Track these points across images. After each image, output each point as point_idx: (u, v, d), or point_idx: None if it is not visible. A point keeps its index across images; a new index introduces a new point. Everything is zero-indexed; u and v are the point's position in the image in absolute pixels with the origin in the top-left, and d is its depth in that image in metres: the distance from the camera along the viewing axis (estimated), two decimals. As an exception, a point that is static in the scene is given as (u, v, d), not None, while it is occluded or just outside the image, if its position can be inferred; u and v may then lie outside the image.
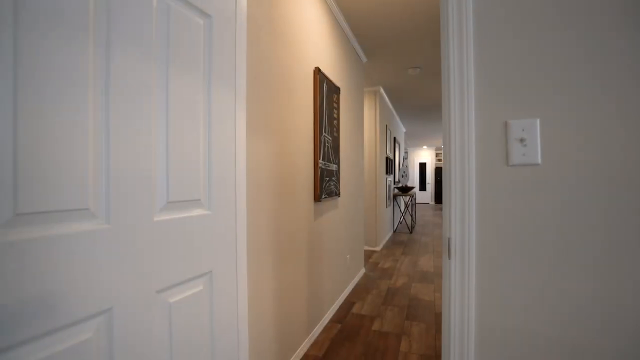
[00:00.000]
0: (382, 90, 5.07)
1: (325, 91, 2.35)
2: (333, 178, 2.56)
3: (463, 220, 0.82)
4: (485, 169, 0.82)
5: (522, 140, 0.78)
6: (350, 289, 3.17)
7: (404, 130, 9.28)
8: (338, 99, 2.68)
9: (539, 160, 0.77)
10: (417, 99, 5.69)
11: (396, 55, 3.69)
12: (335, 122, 2.61)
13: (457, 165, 0.83)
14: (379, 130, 5.01)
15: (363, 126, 3.75)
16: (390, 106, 6.20)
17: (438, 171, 13.85)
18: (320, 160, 2.24)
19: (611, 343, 0.71)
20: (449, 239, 0.85)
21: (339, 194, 2.73)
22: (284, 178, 1.74)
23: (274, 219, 1.62)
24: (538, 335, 0.77)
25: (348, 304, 2.83)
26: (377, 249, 4.95)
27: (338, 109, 2.68)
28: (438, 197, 13.83)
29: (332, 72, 2.63)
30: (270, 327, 1.57)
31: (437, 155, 14.00)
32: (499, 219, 0.80)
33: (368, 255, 4.62)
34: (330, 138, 2.50)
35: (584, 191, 0.74)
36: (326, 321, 2.46)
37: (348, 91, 3.09)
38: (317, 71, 2.18)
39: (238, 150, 1.10)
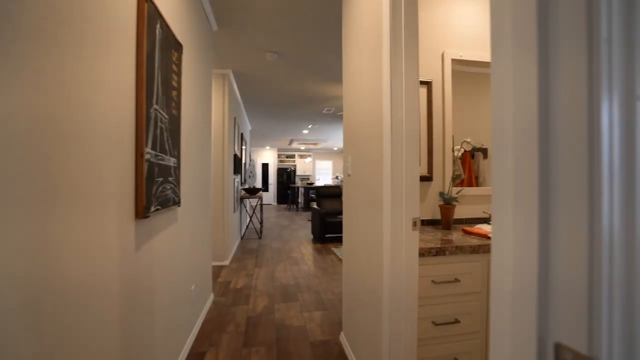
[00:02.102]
0: (232, 76, 4.30)
1: (160, 39, 1.46)
2: (170, 178, 1.67)
3: None
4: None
5: None
6: (197, 330, 2.29)
7: (249, 127, 8.71)
8: (179, 60, 1.80)
9: None
10: (271, 91, 5.22)
11: (254, 31, 3.05)
12: (174, 93, 1.72)
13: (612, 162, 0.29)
14: (228, 122, 4.23)
15: (211, 112, 2.91)
16: (239, 97, 5.48)
17: (280, 172, 14.06)
18: (149, 149, 1.34)
19: None
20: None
21: (179, 201, 1.85)
22: (62, 177, 0.80)
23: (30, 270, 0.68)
24: None
25: (196, 358, 1.98)
26: (226, 262, 4.15)
27: (179, 75, 1.80)
28: (281, 197, 14.03)
29: (172, 19, 1.73)
30: None
31: (279, 156, 14.19)
32: None
33: (216, 272, 3.77)
34: (167, 117, 1.60)
35: None
36: (160, 405, 1.55)
37: (193, 57, 2.22)
38: (144, -4, 1.28)
39: None
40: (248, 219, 7.37)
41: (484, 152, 2.24)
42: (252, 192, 6.21)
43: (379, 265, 1.50)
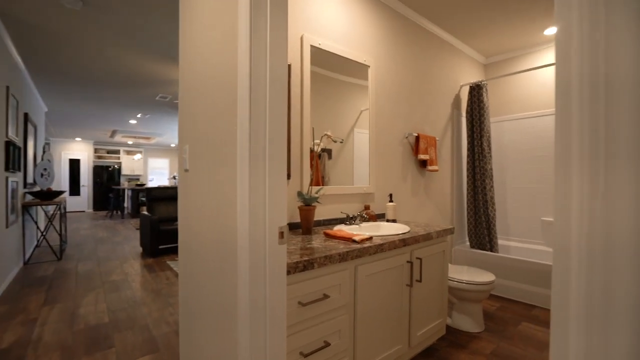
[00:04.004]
0: (-3, 22, 2.84)
1: None
2: None
3: None
4: None
5: None
6: None
7: (45, 109, 6.40)
8: None
9: None
10: (78, 60, 3.82)
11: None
12: None
13: None
14: (-9, 91, 2.77)
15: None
16: (18, 58, 3.79)
17: (98, 171, 11.20)
18: None
19: None
20: None
21: None
22: None
23: None
24: None
25: None
26: (-14, 307, 2.69)
27: None
28: (99, 202, 11.17)
29: None
30: None
31: (96, 151, 11.27)
32: None
33: (-41, 328, 2.34)
34: None
35: None
36: None
37: None
38: None
39: None
40: (40, 235, 5.32)
41: (329, 152, 2.16)
42: (47, 196, 4.47)
43: (231, 292, 1.08)
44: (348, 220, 2.01)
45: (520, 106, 3.54)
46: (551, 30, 3.06)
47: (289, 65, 1.85)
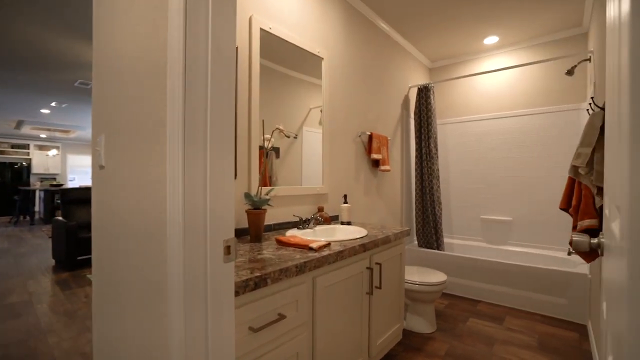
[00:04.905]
0: None
1: None
2: None
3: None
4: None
5: None
6: None
7: None
8: None
9: None
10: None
11: None
12: None
13: None
14: None
15: None
16: None
17: (1, 168, 9.44)
18: None
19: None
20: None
21: None
22: None
23: None
24: None
25: None
26: None
27: None
28: (0, 207, 9.41)
29: None
30: None
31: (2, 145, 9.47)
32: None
33: None
34: None
35: None
36: None
37: None
38: None
39: None
40: None
41: (277, 151, 1.98)
42: None
43: (162, 330, 0.83)
44: (301, 224, 1.83)
45: (462, 110, 3.70)
46: (491, 40, 3.23)
47: (236, 48, 1.61)
